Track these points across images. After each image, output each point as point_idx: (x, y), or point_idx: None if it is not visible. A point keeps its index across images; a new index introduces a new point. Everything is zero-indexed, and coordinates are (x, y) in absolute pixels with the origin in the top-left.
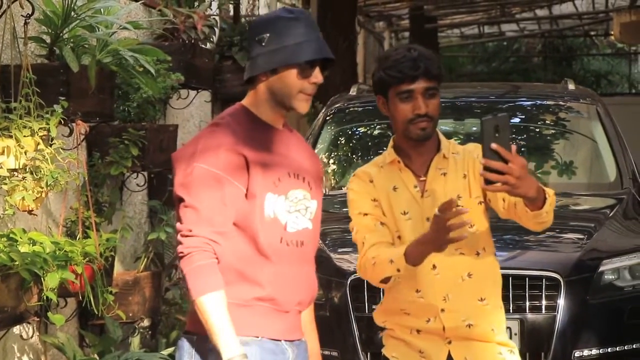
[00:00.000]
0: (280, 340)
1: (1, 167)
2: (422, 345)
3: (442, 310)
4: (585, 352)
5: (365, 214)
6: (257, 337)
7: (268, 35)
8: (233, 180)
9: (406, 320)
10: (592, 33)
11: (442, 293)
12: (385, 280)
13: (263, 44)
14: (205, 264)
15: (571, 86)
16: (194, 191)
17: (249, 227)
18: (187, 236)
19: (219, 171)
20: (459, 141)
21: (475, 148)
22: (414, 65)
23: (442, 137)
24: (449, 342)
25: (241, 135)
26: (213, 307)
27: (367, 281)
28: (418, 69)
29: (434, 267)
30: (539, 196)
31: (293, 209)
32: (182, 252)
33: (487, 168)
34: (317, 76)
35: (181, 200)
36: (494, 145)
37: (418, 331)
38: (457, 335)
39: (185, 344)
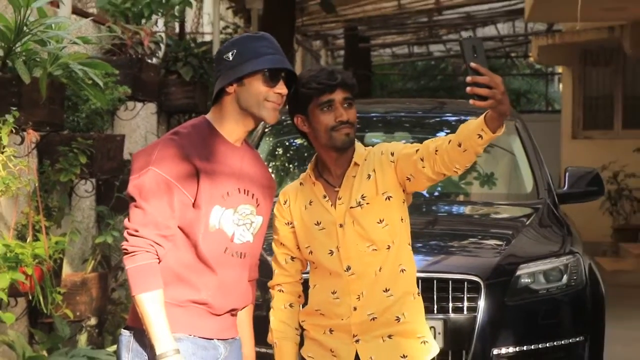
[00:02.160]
0: (212, 339)
1: None
2: (332, 345)
3: (355, 308)
4: (503, 350)
5: (281, 244)
6: (190, 335)
7: (235, 51)
8: (182, 189)
9: (321, 320)
10: (513, 54)
11: (357, 292)
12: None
13: (230, 59)
14: (147, 264)
15: None
16: (145, 194)
17: (192, 234)
18: (133, 235)
19: (170, 178)
20: None
21: (379, 147)
22: (331, 76)
23: (357, 146)
24: (357, 341)
25: (198, 146)
26: (151, 305)
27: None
28: (336, 79)
29: (349, 268)
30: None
31: (241, 222)
32: (126, 250)
33: (473, 85)
34: (281, 87)
35: (133, 199)
36: (473, 65)
37: (331, 331)
38: (363, 330)
39: (124, 338)
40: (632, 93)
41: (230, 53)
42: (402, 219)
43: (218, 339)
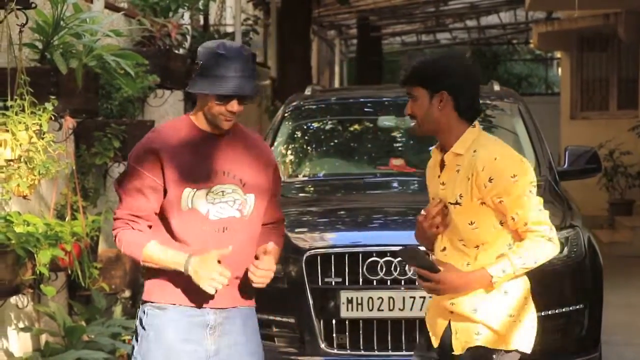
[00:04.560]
0: (200, 307)
1: None
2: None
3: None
4: None
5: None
6: (174, 304)
7: (201, 63)
8: (149, 175)
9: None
10: (514, 41)
11: None
12: None
13: (197, 69)
14: (130, 234)
15: (496, 87)
16: (122, 183)
17: (166, 217)
18: (114, 219)
19: (139, 167)
20: (401, 135)
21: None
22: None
23: (464, 136)
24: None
25: (168, 139)
26: (153, 253)
27: (320, 257)
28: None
29: (444, 249)
30: (475, 286)
31: (217, 201)
32: (113, 234)
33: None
34: (232, 106)
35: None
36: (417, 270)
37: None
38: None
39: (140, 312)
40: (626, 76)
41: (199, 62)
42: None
43: (210, 307)
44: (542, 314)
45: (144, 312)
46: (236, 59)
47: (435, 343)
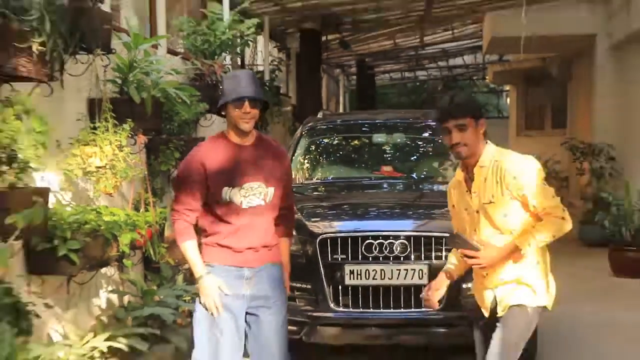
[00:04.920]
0: (238, 267)
1: (90, 165)
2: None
3: (487, 274)
4: (470, 285)
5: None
6: (219, 264)
7: (222, 87)
8: (197, 180)
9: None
10: (475, 77)
11: None
12: None
13: (220, 93)
14: (182, 227)
15: None
16: (177, 186)
17: (211, 206)
18: (172, 210)
19: (189, 174)
20: (390, 148)
21: (509, 169)
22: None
23: (484, 152)
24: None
25: (208, 151)
26: (188, 250)
27: (329, 240)
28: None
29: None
30: (510, 256)
31: (248, 194)
32: (171, 221)
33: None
34: (245, 108)
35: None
36: (462, 251)
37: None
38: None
39: None
40: (558, 104)
41: (221, 87)
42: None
43: (246, 267)
44: None
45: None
46: (243, 76)
47: (486, 314)
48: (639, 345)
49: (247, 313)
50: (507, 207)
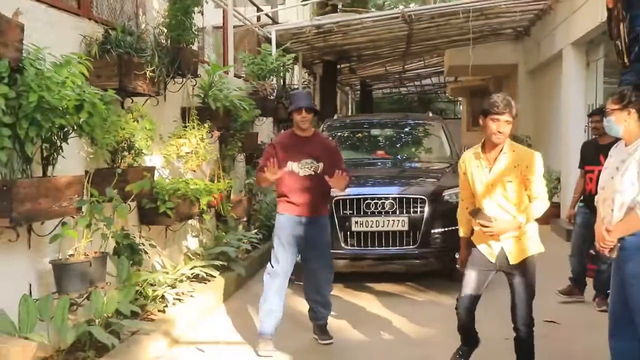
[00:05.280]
0: (297, 215)
1: (182, 151)
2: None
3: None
4: (436, 230)
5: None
6: (286, 213)
7: (290, 100)
8: (271, 155)
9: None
10: (439, 92)
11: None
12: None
13: (290, 102)
14: (261, 173)
15: (430, 114)
16: (262, 159)
17: (282, 176)
18: (257, 170)
19: (268, 153)
20: (383, 138)
21: (527, 158)
22: (501, 105)
23: (506, 143)
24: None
25: (281, 140)
26: (262, 175)
27: (341, 200)
28: (503, 111)
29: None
30: (512, 228)
31: (304, 167)
32: (256, 173)
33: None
34: (304, 115)
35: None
36: (479, 222)
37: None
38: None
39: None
40: None
41: (289, 99)
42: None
43: (303, 216)
44: (452, 228)
45: (276, 217)
46: (302, 94)
47: (492, 259)
48: None
49: (305, 242)
50: (519, 188)
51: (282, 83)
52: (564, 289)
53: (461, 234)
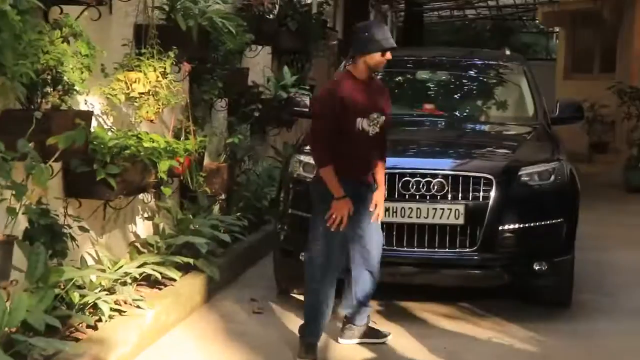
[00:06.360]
0: (353, 179)
1: (134, 91)
2: None
3: None
4: (506, 227)
5: None
6: (350, 179)
7: (367, 34)
8: (337, 114)
9: None
10: (524, 18)
11: None
12: None
13: (364, 37)
14: (324, 154)
15: (507, 52)
16: (318, 121)
17: (346, 134)
18: (313, 142)
19: (330, 110)
20: (434, 85)
21: None
22: None
23: None
24: None
25: (344, 87)
26: (329, 173)
27: None
28: None
29: None
30: None
31: (372, 124)
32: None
33: None
34: (388, 56)
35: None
36: None
37: None
38: None
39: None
40: (607, 47)
41: (366, 33)
42: None
43: (357, 180)
44: (532, 224)
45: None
46: (383, 27)
47: None
48: None
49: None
50: None
51: None
52: None
53: None
